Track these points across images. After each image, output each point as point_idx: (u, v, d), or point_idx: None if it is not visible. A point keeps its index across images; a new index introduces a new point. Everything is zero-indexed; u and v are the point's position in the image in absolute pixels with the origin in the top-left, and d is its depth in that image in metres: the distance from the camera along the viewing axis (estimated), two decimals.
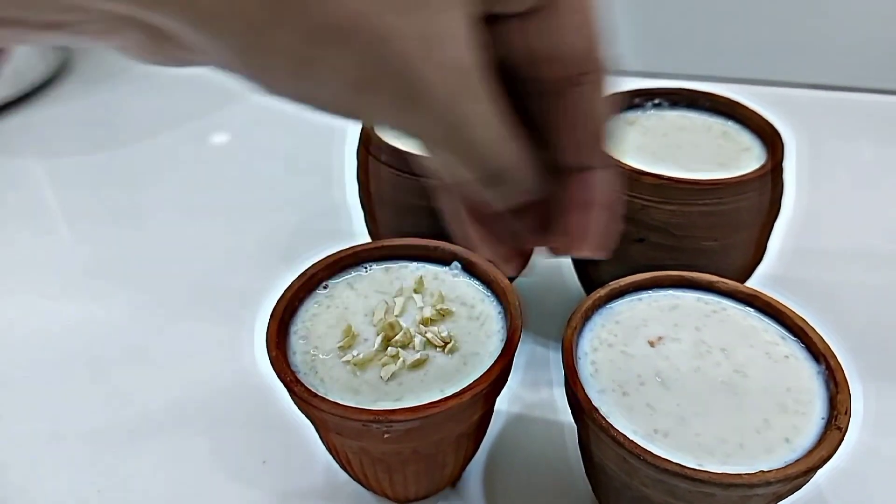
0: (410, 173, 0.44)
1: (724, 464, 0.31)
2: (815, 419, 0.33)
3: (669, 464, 0.30)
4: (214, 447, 0.44)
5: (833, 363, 0.35)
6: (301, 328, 0.38)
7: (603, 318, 0.39)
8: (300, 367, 0.36)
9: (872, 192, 0.71)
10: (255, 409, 0.46)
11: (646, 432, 0.32)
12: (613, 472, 0.33)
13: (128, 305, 0.56)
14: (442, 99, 0.19)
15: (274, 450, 0.44)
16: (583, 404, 0.33)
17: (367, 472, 0.37)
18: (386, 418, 0.31)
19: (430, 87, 0.19)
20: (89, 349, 0.52)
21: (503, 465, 0.44)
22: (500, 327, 0.38)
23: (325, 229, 0.62)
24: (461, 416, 0.34)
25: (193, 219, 0.66)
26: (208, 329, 0.53)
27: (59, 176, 0.74)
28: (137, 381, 0.49)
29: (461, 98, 0.20)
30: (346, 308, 0.39)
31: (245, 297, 0.50)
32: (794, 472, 0.30)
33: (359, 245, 0.42)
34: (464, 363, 0.36)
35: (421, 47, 0.18)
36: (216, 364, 0.50)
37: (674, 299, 0.40)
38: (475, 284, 0.41)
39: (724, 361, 0.36)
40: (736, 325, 0.38)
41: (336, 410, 0.32)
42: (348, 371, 0.35)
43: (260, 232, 0.64)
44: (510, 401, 0.47)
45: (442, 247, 0.42)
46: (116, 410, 0.47)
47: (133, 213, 0.67)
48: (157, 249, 0.62)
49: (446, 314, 0.39)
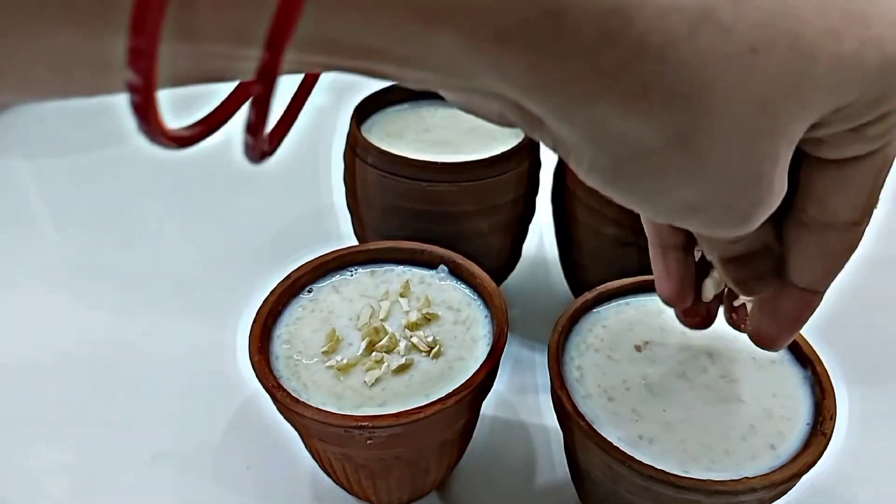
0: (398, 176, 0.44)
1: (709, 470, 0.31)
2: (800, 425, 0.33)
3: (654, 471, 0.29)
4: (197, 452, 0.44)
5: (819, 368, 0.34)
6: (285, 332, 0.38)
7: (590, 323, 0.38)
8: (283, 373, 0.35)
9: None
10: (239, 414, 0.46)
11: (631, 438, 0.32)
12: (599, 478, 0.33)
13: (111, 307, 0.55)
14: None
15: (257, 455, 0.44)
16: (568, 410, 0.33)
17: (351, 477, 0.37)
18: (369, 424, 0.31)
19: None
20: (72, 351, 0.51)
21: (489, 470, 0.43)
22: (486, 332, 0.38)
23: (312, 232, 0.62)
24: (445, 422, 0.34)
25: (179, 221, 0.66)
26: (192, 332, 0.52)
27: (44, 176, 0.73)
28: (120, 384, 0.49)
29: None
30: (330, 312, 0.39)
31: (229, 300, 0.49)
32: (779, 478, 0.29)
33: (344, 248, 0.42)
34: (449, 368, 0.36)
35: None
36: (199, 368, 0.49)
37: (661, 304, 0.39)
38: (462, 288, 0.41)
39: (710, 367, 0.36)
40: (723, 329, 0.38)
41: (318, 416, 0.32)
42: (332, 376, 0.35)
43: (246, 234, 0.63)
44: (496, 405, 0.47)
45: (429, 250, 0.42)
46: (98, 413, 0.46)
47: (118, 215, 0.67)
48: (142, 251, 0.62)
49: (432, 318, 0.39)
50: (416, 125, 0.50)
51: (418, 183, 0.44)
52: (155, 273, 0.59)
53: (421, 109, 0.52)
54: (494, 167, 0.44)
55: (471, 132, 0.50)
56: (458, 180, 0.44)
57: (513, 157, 0.45)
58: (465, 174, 0.44)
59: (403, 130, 0.50)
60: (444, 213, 0.45)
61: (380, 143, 0.46)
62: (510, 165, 0.45)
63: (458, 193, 0.44)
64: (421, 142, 0.49)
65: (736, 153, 0.17)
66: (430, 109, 0.52)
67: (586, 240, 0.46)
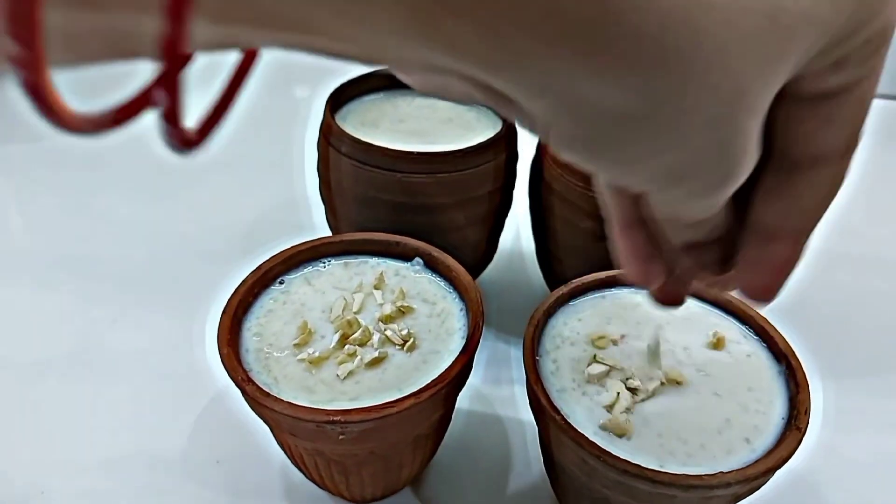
0: (372, 166, 0.43)
1: (685, 465, 0.31)
2: (775, 419, 0.33)
3: (629, 465, 0.29)
4: (166, 447, 0.43)
5: (794, 362, 0.34)
6: (255, 325, 0.37)
7: (565, 316, 0.38)
8: (253, 366, 0.34)
9: None
10: (209, 408, 0.45)
11: (606, 433, 0.32)
12: (574, 473, 0.33)
13: (78, 299, 0.54)
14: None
15: (228, 449, 0.43)
16: (542, 404, 0.32)
17: (323, 472, 0.36)
18: (340, 419, 0.30)
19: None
20: (36, 342, 0.50)
21: (464, 464, 0.43)
22: (461, 325, 0.37)
23: (285, 222, 0.61)
24: (419, 416, 0.33)
25: (148, 209, 0.64)
26: (162, 324, 0.51)
27: (7, 163, 0.71)
28: (87, 377, 0.47)
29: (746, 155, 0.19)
30: (302, 304, 0.38)
31: (199, 291, 0.48)
32: (754, 472, 0.29)
33: (317, 239, 0.41)
34: (423, 361, 0.35)
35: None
36: (168, 360, 0.48)
37: (637, 297, 0.39)
38: (437, 281, 0.40)
39: (686, 360, 0.36)
40: (699, 323, 0.38)
41: (289, 411, 0.31)
42: (303, 369, 0.34)
43: (218, 224, 0.62)
44: (471, 399, 0.46)
45: (403, 242, 0.41)
46: (64, 407, 0.45)
47: (84, 203, 0.65)
48: (110, 241, 0.60)
49: (407, 311, 0.38)
50: (391, 114, 0.50)
51: (393, 174, 0.43)
52: (124, 262, 0.57)
53: (396, 98, 0.51)
54: (471, 158, 0.44)
55: (447, 122, 0.49)
56: (434, 171, 0.43)
57: (490, 149, 0.45)
58: (440, 165, 0.43)
59: (379, 120, 0.49)
60: (419, 205, 0.44)
61: (354, 132, 0.45)
62: (487, 157, 0.45)
63: (433, 185, 0.43)
64: (396, 132, 0.48)
65: (720, 108, 0.17)
66: (406, 99, 0.51)
67: (563, 233, 0.45)
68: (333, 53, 0.16)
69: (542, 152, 0.46)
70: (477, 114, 0.50)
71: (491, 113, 0.50)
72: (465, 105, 0.18)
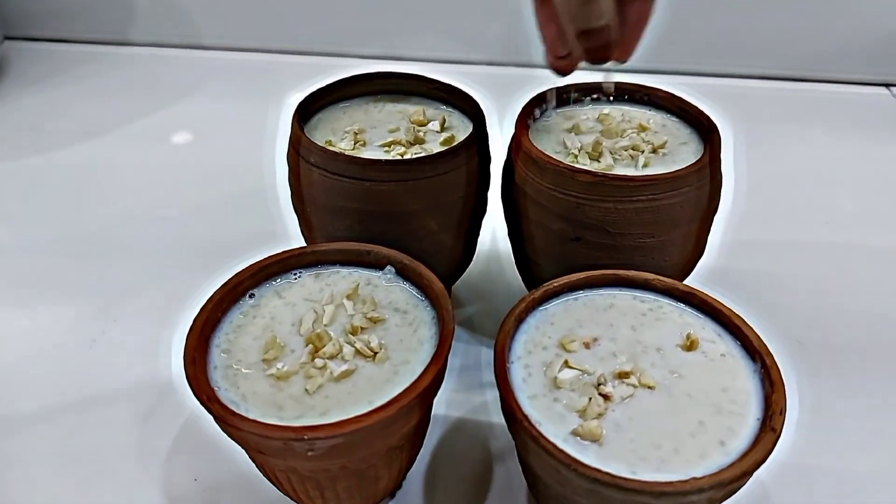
0: (342, 175, 0.43)
1: (659, 470, 0.30)
2: (750, 420, 0.32)
3: (600, 473, 0.29)
4: (144, 465, 0.42)
5: (769, 361, 0.34)
6: (224, 341, 0.36)
7: (537, 320, 0.38)
8: (220, 383, 0.34)
9: (813, 183, 0.71)
10: (185, 425, 0.44)
11: (578, 439, 0.31)
12: (548, 481, 0.32)
13: (49, 315, 0.53)
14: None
15: (205, 467, 0.42)
16: (514, 412, 0.32)
17: (298, 489, 0.36)
18: (306, 436, 0.30)
19: None
20: (10, 362, 0.49)
21: (443, 473, 0.42)
22: (432, 333, 0.37)
23: (259, 233, 0.60)
24: (390, 429, 0.33)
25: (122, 223, 0.64)
26: (133, 339, 0.51)
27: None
28: (59, 394, 0.47)
29: None
30: (272, 318, 0.38)
31: (171, 305, 0.48)
32: (728, 477, 0.29)
33: (286, 251, 0.40)
34: (395, 373, 0.35)
35: None
36: (142, 378, 0.48)
37: (610, 298, 0.39)
38: (409, 289, 0.40)
39: (659, 362, 0.35)
40: (672, 323, 0.37)
41: (255, 429, 0.30)
42: (271, 385, 0.34)
43: (191, 237, 0.62)
44: (450, 406, 0.46)
45: (375, 251, 0.41)
46: (40, 428, 0.45)
47: (51, 218, 0.65)
48: (84, 255, 0.60)
49: (377, 321, 0.37)
50: (361, 122, 0.49)
51: (362, 182, 0.42)
52: (92, 277, 0.57)
53: (368, 105, 0.51)
54: (441, 164, 0.43)
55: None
56: (404, 178, 0.43)
57: (460, 153, 0.44)
58: (410, 172, 0.43)
59: (348, 128, 0.48)
60: (391, 213, 0.44)
61: (323, 141, 0.45)
62: (458, 162, 0.44)
63: (404, 192, 0.43)
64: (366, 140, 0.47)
65: None
66: (377, 106, 0.51)
67: (537, 236, 0.45)
68: None
69: (513, 154, 0.45)
70: (448, 117, 0.49)
71: (463, 116, 0.50)
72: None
